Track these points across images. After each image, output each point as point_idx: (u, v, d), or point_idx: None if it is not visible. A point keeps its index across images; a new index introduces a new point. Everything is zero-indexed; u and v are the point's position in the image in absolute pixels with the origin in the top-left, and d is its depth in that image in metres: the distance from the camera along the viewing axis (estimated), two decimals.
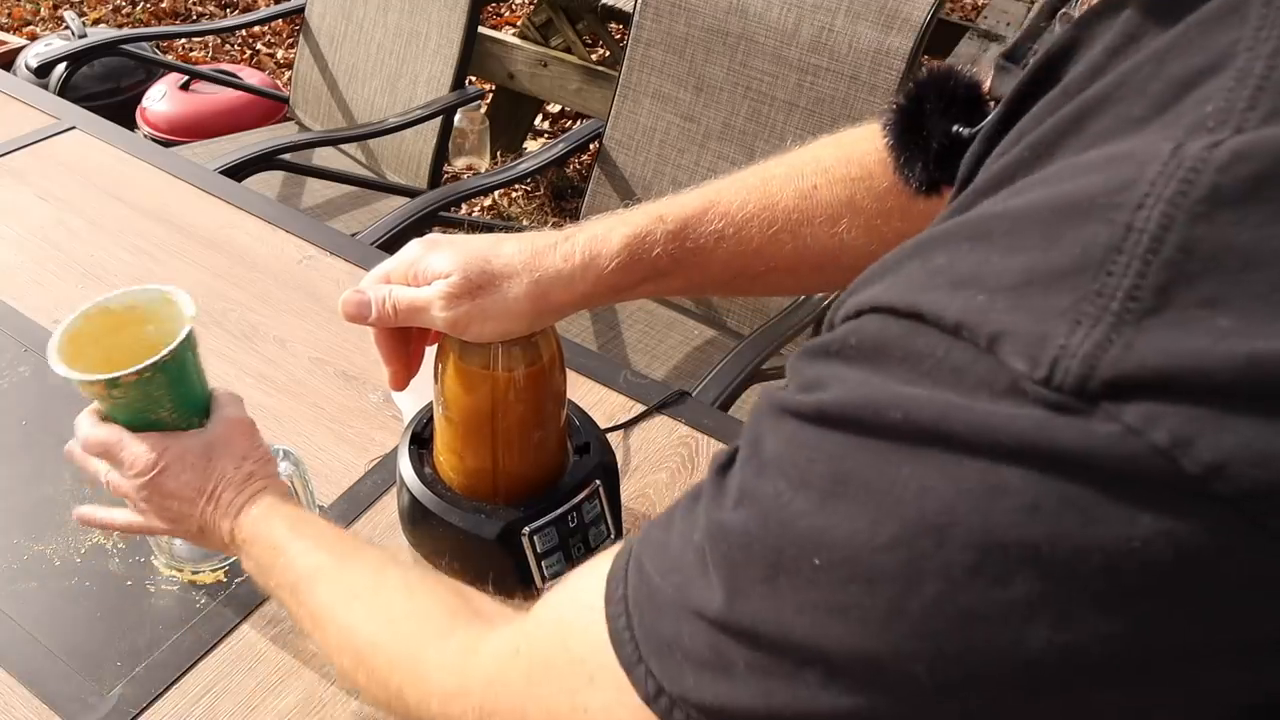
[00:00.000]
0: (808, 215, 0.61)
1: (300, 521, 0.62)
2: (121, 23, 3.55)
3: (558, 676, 0.41)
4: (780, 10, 1.56)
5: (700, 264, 0.61)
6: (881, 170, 0.60)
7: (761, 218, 0.61)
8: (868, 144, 0.61)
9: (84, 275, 1.10)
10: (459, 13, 1.87)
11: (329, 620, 0.56)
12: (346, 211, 1.91)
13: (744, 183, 0.63)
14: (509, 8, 3.84)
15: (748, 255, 0.61)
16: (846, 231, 0.61)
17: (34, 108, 1.40)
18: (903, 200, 0.59)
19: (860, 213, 0.61)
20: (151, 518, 0.66)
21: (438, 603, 0.53)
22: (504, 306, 0.57)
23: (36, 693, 0.71)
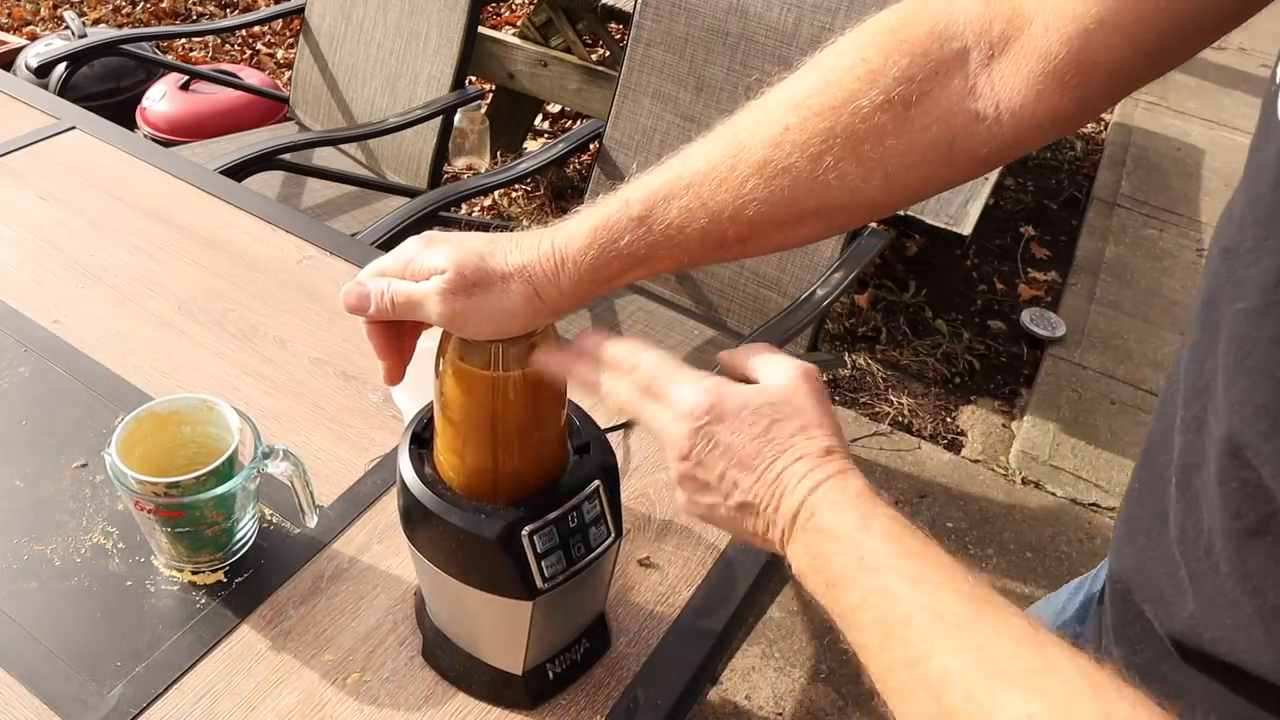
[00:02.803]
0: (783, 162, 0.55)
1: (905, 532, 0.47)
2: (121, 23, 3.55)
3: None
4: (780, 10, 1.56)
5: (677, 243, 0.57)
6: (866, 85, 0.54)
7: (731, 179, 0.56)
8: (851, 57, 0.56)
9: (84, 275, 1.10)
10: (459, 13, 1.87)
11: (947, 688, 0.40)
12: (346, 211, 1.91)
13: (713, 143, 0.58)
14: (509, 8, 3.84)
15: (724, 223, 0.56)
16: (833, 169, 0.54)
17: (34, 108, 1.40)
18: (896, 113, 0.54)
19: (845, 141, 0.54)
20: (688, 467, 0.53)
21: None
22: (499, 305, 0.56)
23: (36, 693, 0.71)
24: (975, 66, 0.54)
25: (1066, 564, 1.96)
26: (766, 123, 0.57)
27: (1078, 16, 0.51)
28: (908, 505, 2.05)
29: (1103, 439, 2.26)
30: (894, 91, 0.54)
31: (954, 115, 0.54)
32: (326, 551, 0.84)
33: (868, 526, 0.48)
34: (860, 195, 0.56)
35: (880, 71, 0.54)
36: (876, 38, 0.56)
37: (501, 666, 0.72)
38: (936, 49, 0.54)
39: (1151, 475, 0.53)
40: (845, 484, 0.50)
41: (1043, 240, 2.93)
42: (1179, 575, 0.49)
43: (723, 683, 1.68)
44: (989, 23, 0.54)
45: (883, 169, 0.55)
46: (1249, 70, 4.02)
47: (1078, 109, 0.54)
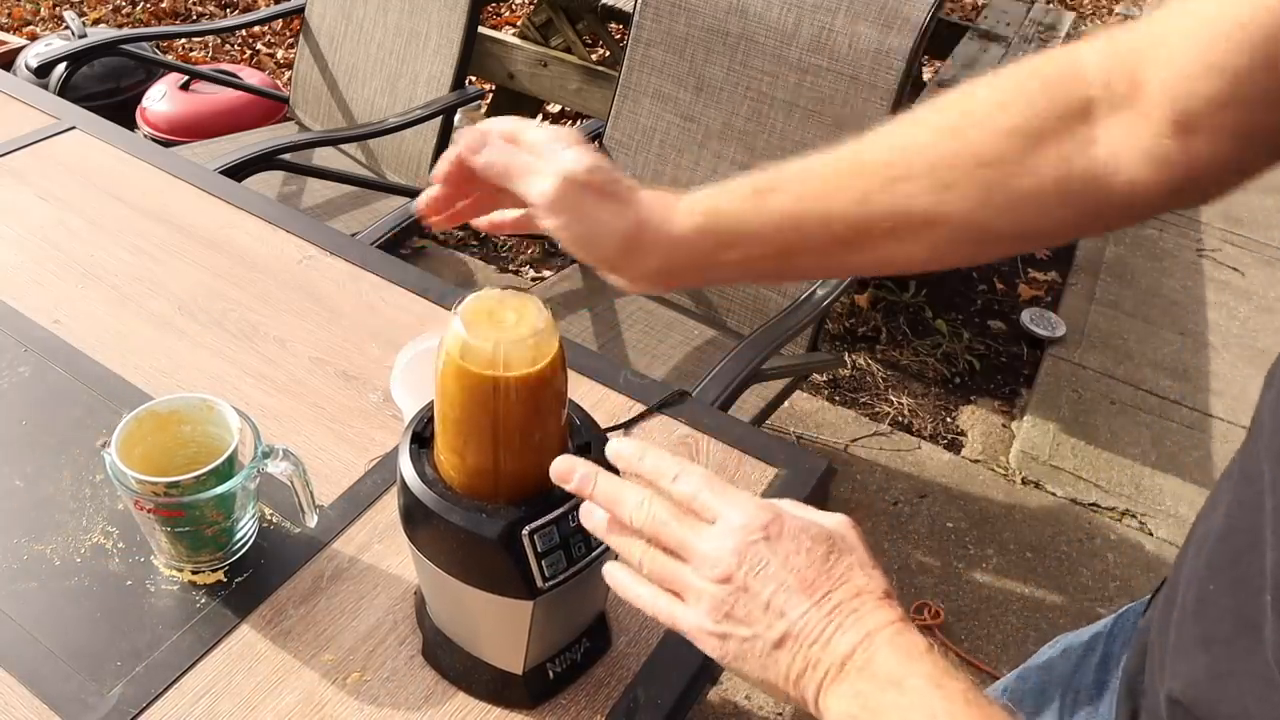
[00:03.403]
0: (903, 169, 0.56)
1: (984, 701, 0.44)
2: (121, 23, 3.55)
3: None
4: (780, 10, 1.56)
5: (786, 230, 0.59)
6: (996, 111, 0.55)
7: (852, 178, 0.58)
8: (985, 88, 0.57)
9: (84, 275, 1.10)
10: (459, 13, 1.87)
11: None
12: (346, 211, 1.91)
13: (839, 149, 0.59)
14: (509, 8, 3.84)
15: (836, 221, 0.58)
16: (952, 185, 0.55)
17: (34, 108, 1.39)
18: (1019, 143, 0.54)
19: (968, 160, 0.55)
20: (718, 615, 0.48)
21: None
22: (607, 221, 0.58)
23: (36, 693, 0.71)
24: (1098, 118, 0.54)
25: (1066, 564, 1.96)
26: (893, 133, 0.58)
27: (1193, 91, 0.50)
28: (908, 505, 2.05)
29: (1103, 439, 2.26)
30: (1020, 122, 0.54)
31: (1074, 159, 0.54)
32: (326, 551, 0.84)
33: (941, 684, 0.43)
34: (974, 217, 0.56)
35: (1010, 103, 0.55)
36: (1012, 74, 0.57)
37: (502, 666, 0.72)
38: (1064, 93, 0.55)
39: (1231, 582, 0.47)
40: (910, 635, 0.45)
41: None
42: (1275, 696, 0.43)
43: (723, 683, 1.68)
44: (1114, 78, 0.54)
45: (1001, 194, 0.55)
46: None
47: (1186, 180, 0.53)
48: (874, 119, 1.51)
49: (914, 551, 1.95)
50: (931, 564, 1.94)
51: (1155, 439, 2.28)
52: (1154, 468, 2.20)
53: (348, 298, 1.11)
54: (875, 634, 0.45)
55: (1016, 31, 3.12)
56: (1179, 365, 2.51)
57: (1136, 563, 1.98)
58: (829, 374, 2.35)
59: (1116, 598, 1.90)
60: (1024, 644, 1.79)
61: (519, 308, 0.60)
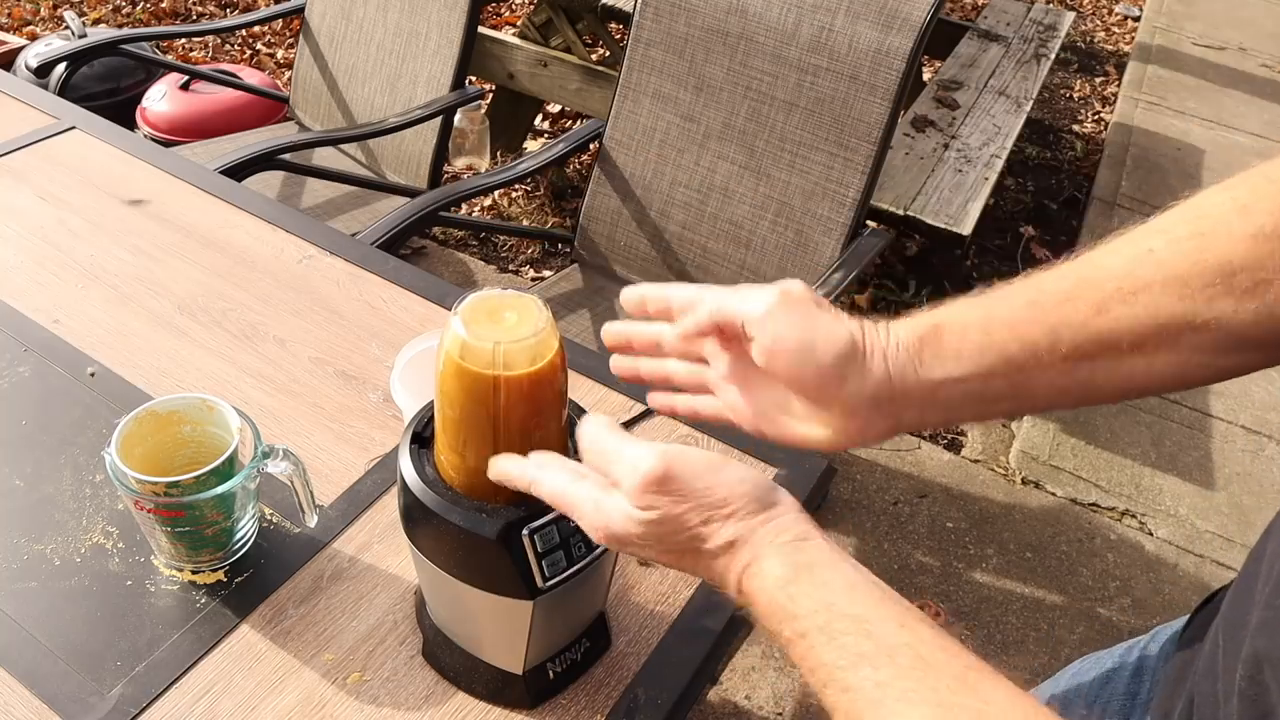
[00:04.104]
0: (1144, 279, 0.52)
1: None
2: (121, 23, 3.55)
3: None
4: (780, 10, 1.56)
5: (1027, 346, 0.53)
6: (1238, 217, 0.51)
7: (1084, 298, 0.53)
8: (1220, 194, 0.53)
9: (84, 275, 1.10)
10: (459, 13, 1.87)
11: None
12: (346, 211, 1.91)
13: (1063, 270, 0.55)
14: (509, 8, 3.84)
15: (1067, 341, 0.53)
16: (1200, 292, 0.51)
17: (34, 108, 1.40)
18: (1271, 247, 0.50)
19: (1217, 268, 0.51)
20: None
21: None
22: (826, 325, 0.55)
23: (36, 693, 0.71)
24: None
25: (1066, 564, 1.96)
26: (1123, 248, 0.54)
27: None
28: (908, 505, 2.05)
29: (1103, 439, 2.26)
30: (1267, 226, 0.50)
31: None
32: (326, 551, 0.84)
33: (859, 568, 0.49)
34: (1226, 326, 0.51)
35: (1251, 207, 0.52)
36: (1248, 179, 0.54)
37: (502, 666, 0.72)
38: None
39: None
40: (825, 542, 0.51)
41: (1043, 240, 2.93)
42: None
43: (723, 683, 1.68)
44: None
45: (1257, 300, 0.51)
46: (1249, 70, 4.02)
47: None
48: (874, 119, 1.52)
49: (914, 551, 1.95)
50: (931, 564, 1.94)
51: (1155, 439, 2.28)
52: (1154, 468, 2.20)
53: (348, 298, 1.11)
54: (808, 534, 0.51)
55: (1016, 31, 3.12)
56: None
57: (1136, 563, 1.98)
58: None
59: (1116, 597, 1.90)
60: (1024, 644, 1.79)
61: (519, 308, 0.60)
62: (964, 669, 0.44)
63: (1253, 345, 0.52)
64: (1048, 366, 0.53)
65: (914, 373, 0.55)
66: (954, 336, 0.55)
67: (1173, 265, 0.52)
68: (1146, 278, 0.52)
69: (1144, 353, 0.52)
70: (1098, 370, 0.53)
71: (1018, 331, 0.53)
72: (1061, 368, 0.53)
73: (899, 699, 0.43)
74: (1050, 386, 0.54)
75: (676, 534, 0.52)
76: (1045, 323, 0.53)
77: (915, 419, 0.56)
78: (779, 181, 1.62)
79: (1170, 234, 0.53)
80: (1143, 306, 0.52)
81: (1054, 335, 0.53)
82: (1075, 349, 0.53)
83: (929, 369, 0.54)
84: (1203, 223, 0.53)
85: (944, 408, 0.55)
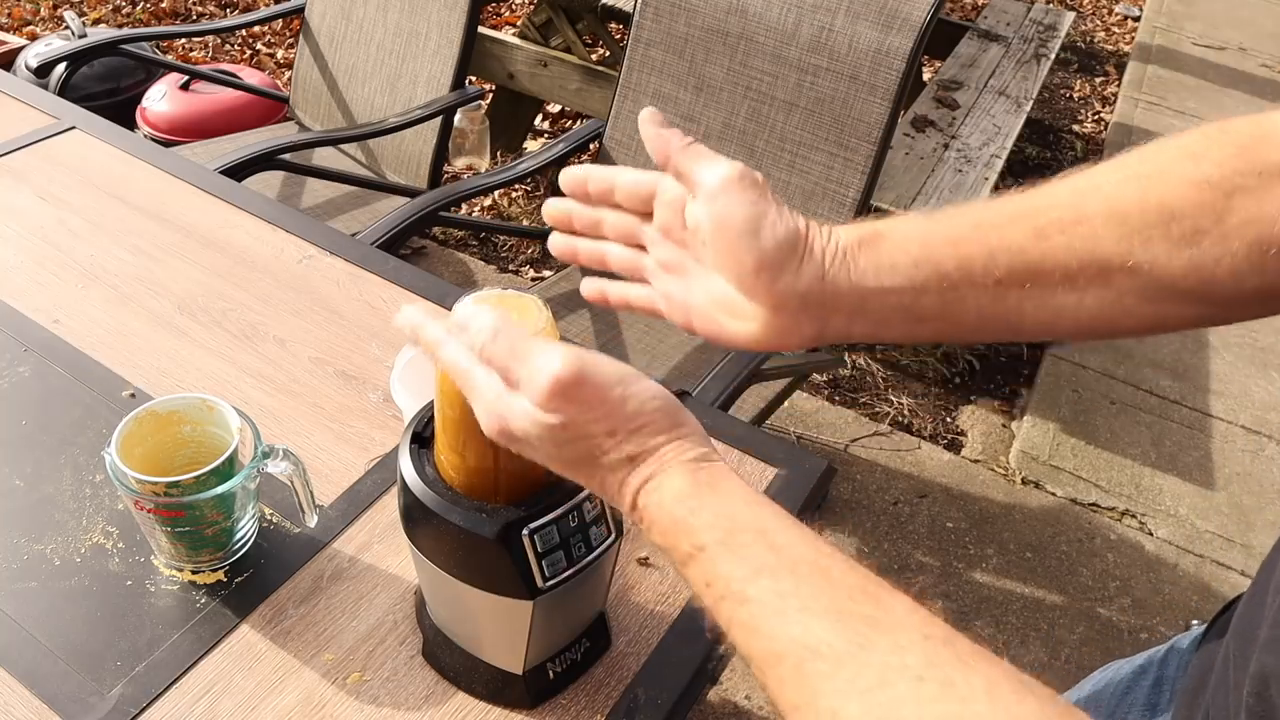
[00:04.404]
0: (1085, 210, 0.52)
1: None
2: (121, 23, 3.55)
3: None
4: (780, 10, 1.56)
5: (961, 257, 0.53)
6: (1187, 163, 0.51)
7: (1029, 218, 0.53)
8: (1172, 142, 0.53)
9: (84, 275, 1.10)
10: (459, 13, 1.87)
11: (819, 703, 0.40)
12: (346, 211, 1.91)
13: (1012, 196, 0.54)
14: (509, 8, 3.84)
15: (1003, 261, 0.52)
16: (1138, 232, 0.51)
17: (34, 108, 1.39)
18: (1212, 197, 0.50)
19: (1158, 211, 0.51)
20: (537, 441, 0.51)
21: None
22: (764, 213, 0.54)
23: (36, 693, 0.71)
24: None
25: (1066, 564, 1.97)
26: (1071, 180, 0.54)
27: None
28: (908, 505, 2.05)
29: (1103, 439, 2.26)
30: (1212, 173, 0.51)
31: (1272, 222, 0.50)
32: (326, 551, 0.84)
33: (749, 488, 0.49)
34: (1159, 271, 0.51)
35: (1201, 155, 0.52)
36: (1205, 131, 0.53)
37: (502, 666, 0.72)
38: (1261, 153, 0.51)
39: None
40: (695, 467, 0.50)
41: None
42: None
43: (723, 683, 1.68)
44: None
45: (1190, 250, 0.51)
46: (1249, 70, 4.02)
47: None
48: (874, 119, 1.52)
49: (914, 551, 1.95)
50: (931, 564, 1.94)
51: (1155, 439, 2.28)
52: (1154, 468, 2.20)
53: (348, 298, 1.11)
54: (710, 456, 0.50)
55: (1016, 31, 3.12)
56: (1179, 365, 2.51)
57: (1136, 563, 1.98)
58: (829, 374, 2.35)
59: (1116, 597, 1.90)
60: (1024, 644, 1.79)
61: (519, 308, 0.60)
62: (863, 580, 0.44)
63: (1179, 296, 0.52)
64: (980, 289, 0.53)
65: (847, 276, 0.54)
66: (892, 246, 0.54)
67: (1116, 201, 0.52)
68: (1089, 210, 0.52)
69: (1075, 288, 0.52)
70: (1026, 300, 0.53)
71: (957, 249, 0.53)
72: (994, 292, 0.53)
73: (799, 609, 0.43)
74: (979, 311, 0.53)
75: (576, 441, 0.50)
76: (985, 243, 0.53)
77: (842, 327, 0.55)
78: (779, 181, 1.62)
79: (1121, 172, 0.53)
80: (1080, 239, 0.52)
81: (990, 257, 0.53)
82: (1010, 273, 0.52)
83: (862, 275, 0.54)
84: (1151, 164, 0.53)
85: (873, 319, 0.55)
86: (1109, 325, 0.53)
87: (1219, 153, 0.51)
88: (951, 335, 0.55)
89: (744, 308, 0.56)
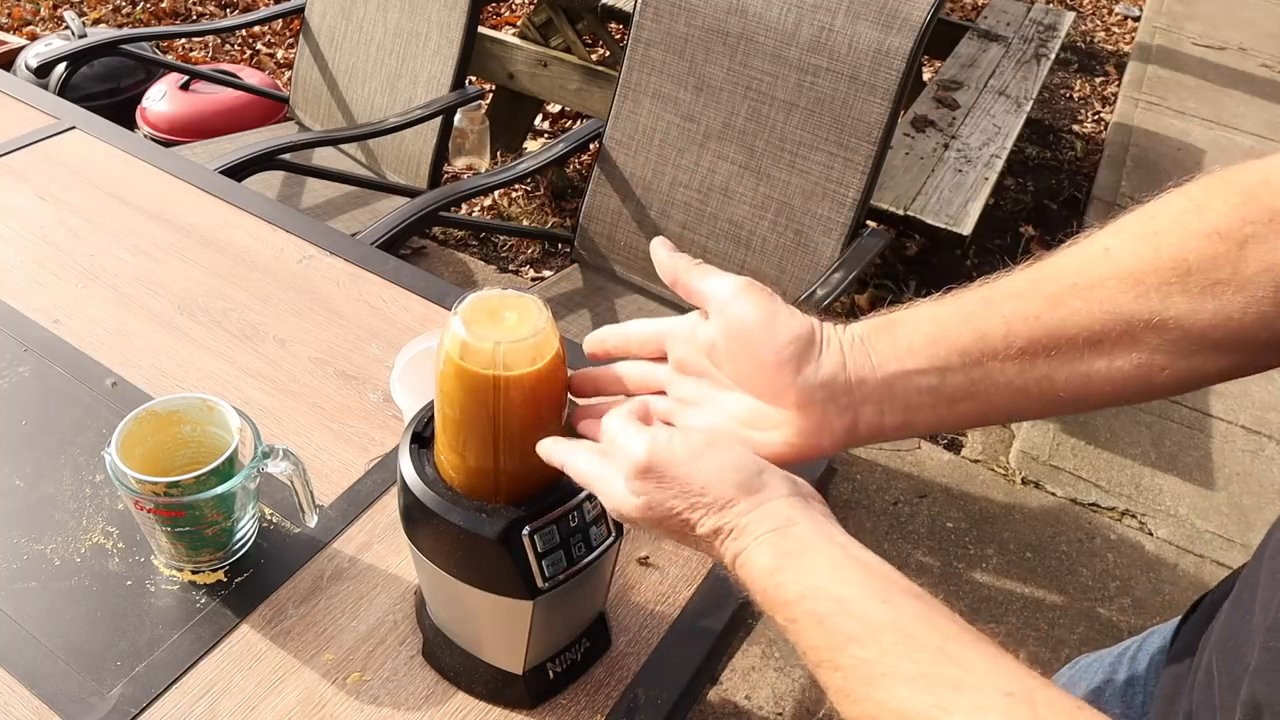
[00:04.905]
0: (1097, 275, 0.51)
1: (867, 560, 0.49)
2: (121, 23, 3.55)
3: None
4: (780, 10, 1.56)
5: (991, 351, 0.52)
6: (1193, 216, 0.50)
7: (1042, 294, 0.52)
8: (1177, 195, 0.52)
9: (84, 275, 1.10)
10: (459, 13, 1.87)
11: None
12: (346, 211, 1.91)
13: (1017, 272, 0.54)
14: (509, 8, 3.84)
15: (1021, 335, 0.52)
16: (1156, 289, 0.50)
17: (34, 108, 1.40)
18: (1224, 247, 0.49)
19: (1172, 267, 0.50)
20: None
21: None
22: (783, 316, 0.55)
23: (36, 693, 0.71)
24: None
25: (1066, 564, 1.97)
26: (1084, 245, 0.54)
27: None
28: (908, 505, 2.05)
29: (1102, 439, 2.26)
30: (1221, 225, 0.50)
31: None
32: (326, 551, 0.84)
33: (847, 547, 0.50)
34: (1189, 323, 0.50)
35: (1206, 206, 0.51)
36: (1206, 181, 0.53)
37: (502, 666, 0.72)
38: (1268, 197, 0.50)
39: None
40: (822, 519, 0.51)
41: (1043, 240, 2.93)
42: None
43: (723, 683, 1.68)
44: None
45: (1215, 300, 0.50)
46: (1249, 70, 4.02)
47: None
48: (874, 119, 1.52)
49: (914, 551, 1.95)
50: (931, 564, 1.94)
51: (1155, 439, 2.28)
52: (1154, 468, 2.20)
53: (348, 298, 1.11)
54: (792, 519, 0.51)
55: (1016, 31, 3.12)
56: None
57: (1136, 563, 1.98)
58: None
59: (1116, 597, 1.90)
60: (1024, 644, 1.79)
61: (519, 308, 0.60)
62: (943, 640, 0.46)
63: (1212, 347, 0.51)
64: (1004, 362, 0.52)
65: (868, 363, 0.54)
66: (907, 329, 0.54)
67: (1127, 262, 0.51)
68: (1101, 274, 0.51)
69: (1102, 351, 0.51)
70: (1055, 368, 0.52)
71: (972, 324, 0.53)
72: (1019, 363, 0.52)
73: (884, 674, 0.45)
74: (1009, 386, 0.52)
75: (667, 519, 0.52)
76: (999, 315, 0.52)
77: (873, 419, 0.54)
78: (779, 181, 1.62)
79: (1125, 233, 0.53)
80: (1097, 302, 0.51)
81: (1007, 327, 0.52)
82: (1031, 342, 0.52)
83: (883, 360, 0.54)
84: (1157, 221, 0.52)
85: (903, 406, 0.54)
86: (1145, 386, 0.52)
87: (1223, 203, 0.51)
88: (987, 415, 0.55)
89: (769, 416, 0.56)
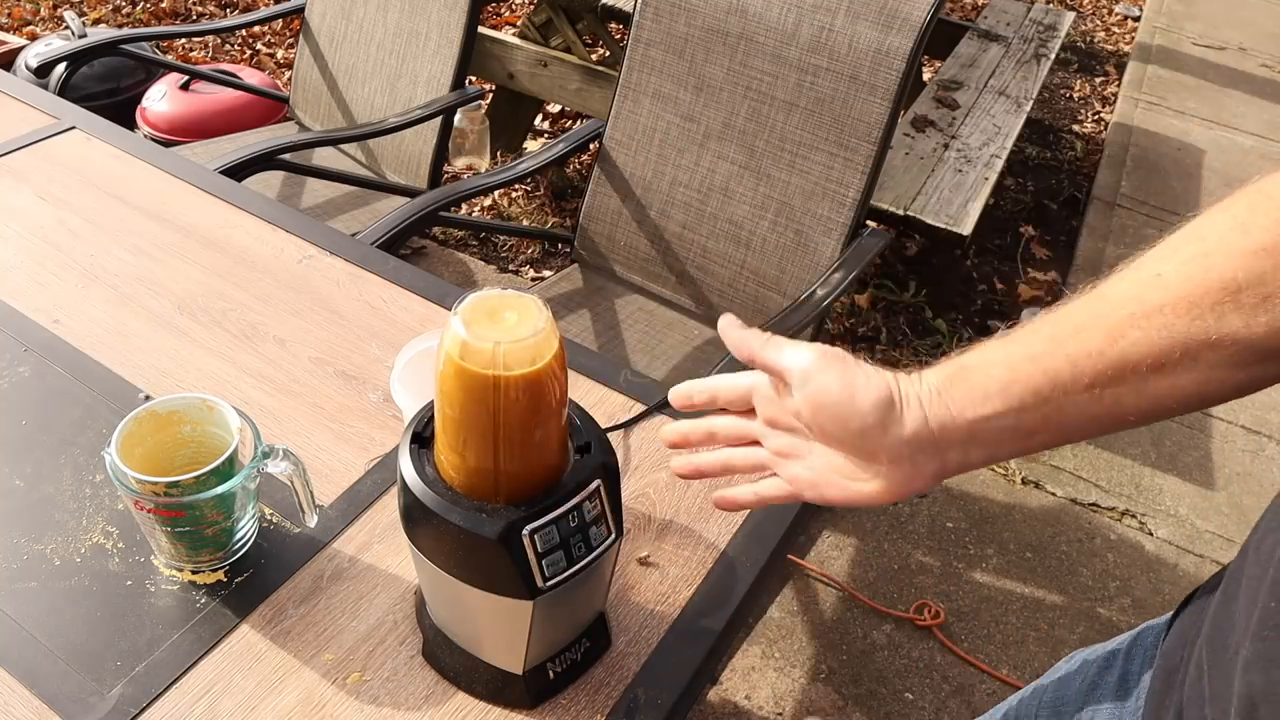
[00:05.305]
0: (1155, 302, 0.53)
1: None
2: (121, 23, 3.55)
3: None
4: (780, 10, 1.56)
5: (1061, 387, 0.55)
6: (1238, 234, 0.52)
7: (1099, 325, 0.54)
8: (1219, 213, 0.54)
9: (84, 275, 1.10)
10: (459, 13, 1.87)
11: None
12: (346, 211, 1.91)
13: (1072, 303, 0.56)
14: (509, 8, 3.84)
15: (1090, 366, 0.54)
16: (1211, 310, 0.52)
17: (34, 108, 1.40)
18: (1274, 260, 0.51)
19: (1224, 286, 0.52)
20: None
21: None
22: (864, 379, 0.58)
23: (36, 693, 0.71)
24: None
25: (1066, 564, 1.97)
26: (1135, 271, 0.55)
27: None
28: (907, 505, 2.05)
29: (1103, 439, 2.26)
30: (1267, 242, 0.51)
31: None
32: (326, 551, 0.84)
33: None
34: (1245, 338, 0.52)
35: (1250, 224, 0.52)
36: (1245, 196, 0.54)
37: (502, 666, 0.72)
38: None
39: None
40: None
41: (1043, 240, 2.93)
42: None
43: (723, 683, 1.68)
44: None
45: (1269, 313, 0.51)
46: (1249, 70, 4.02)
47: None
48: (874, 119, 1.52)
49: (914, 551, 1.95)
50: (931, 564, 1.94)
51: (1155, 439, 2.28)
52: (1154, 468, 2.20)
53: (348, 298, 1.11)
54: None
55: (1016, 31, 3.12)
56: None
57: (1136, 563, 1.98)
58: None
59: (1116, 597, 1.90)
60: (1024, 644, 1.79)
61: (519, 308, 0.60)
62: None
63: (1271, 356, 0.52)
64: (1075, 396, 0.54)
65: (949, 413, 0.56)
66: (980, 375, 0.56)
67: (1180, 287, 0.52)
68: (1157, 301, 0.53)
69: (1166, 373, 0.53)
70: (1124, 395, 0.54)
71: (1040, 365, 0.55)
72: (1088, 395, 0.54)
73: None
74: (1081, 415, 0.55)
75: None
76: (1063, 354, 0.54)
77: (959, 459, 0.57)
78: (779, 181, 1.62)
79: (1175, 257, 0.54)
80: (1156, 329, 0.52)
81: (1074, 366, 0.54)
82: (1097, 376, 0.54)
83: (962, 409, 0.56)
84: (1204, 243, 0.53)
85: (984, 446, 0.57)
86: (1210, 397, 0.54)
87: (1265, 218, 0.52)
88: (1063, 440, 0.57)
89: (865, 470, 0.60)
